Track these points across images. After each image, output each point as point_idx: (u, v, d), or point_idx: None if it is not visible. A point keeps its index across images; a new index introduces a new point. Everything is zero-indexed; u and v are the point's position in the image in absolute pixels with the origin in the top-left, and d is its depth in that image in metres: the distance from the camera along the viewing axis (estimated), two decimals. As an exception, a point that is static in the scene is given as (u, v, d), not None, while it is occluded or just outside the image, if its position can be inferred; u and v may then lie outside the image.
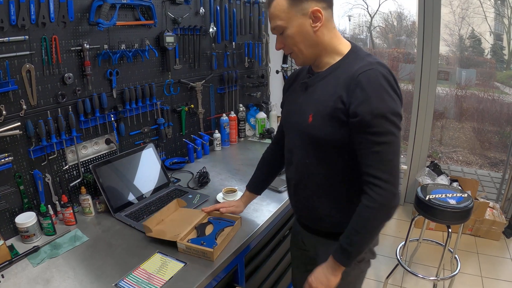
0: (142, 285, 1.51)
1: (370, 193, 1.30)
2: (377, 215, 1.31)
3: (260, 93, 3.60)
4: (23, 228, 1.80)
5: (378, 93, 1.26)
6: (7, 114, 1.77)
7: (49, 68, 1.92)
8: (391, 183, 1.27)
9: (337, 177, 1.47)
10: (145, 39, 2.40)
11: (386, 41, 4.86)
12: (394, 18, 4.68)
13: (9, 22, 1.71)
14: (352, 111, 1.28)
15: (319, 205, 1.55)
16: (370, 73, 1.28)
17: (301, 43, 1.41)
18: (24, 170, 1.90)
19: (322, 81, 1.43)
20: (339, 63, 1.42)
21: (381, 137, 1.26)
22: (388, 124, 1.25)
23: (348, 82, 1.31)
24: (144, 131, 2.55)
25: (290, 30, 1.38)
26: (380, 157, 1.27)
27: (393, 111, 1.26)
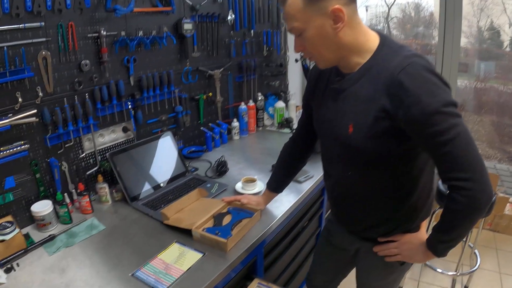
0: (160, 275, 1.49)
1: (454, 196, 1.18)
2: (466, 216, 1.21)
3: (278, 82, 3.54)
4: (39, 216, 1.79)
5: (425, 89, 1.13)
6: (23, 101, 1.75)
7: (66, 55, 1.89)
8: (474, 179, 1.14)
9: (382, 189, 1.40)
10: (163, 26, 2.37)
11: (404, 32, 4.78)
12: (411, 9, 4.59)
13: (25, 9, 1.69)
14: (402, 117, 1.17)
15: (364, 217, 1.50)
16: (410, 69, 1.15)
17: (322, 46, 1.26)
18: (41, 158, 1.89)
19: (355, 85, 1.30)
20: (371, 61, 1.27)
21: (445, 135, 1.12)
22: (447, 117, 1.12)
23: (388, 86, 1.19)
24: (161, 119, 2.52)
25: (309, 33, 1.23)
26: (453, 157, 1.14)
27: (446, 102, 1.13)
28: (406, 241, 1.45)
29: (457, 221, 1.23)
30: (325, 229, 1.85)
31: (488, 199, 1.16)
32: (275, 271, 2.10)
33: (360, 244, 1.61)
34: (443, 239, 1.29)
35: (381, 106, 1.21)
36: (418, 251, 1.41)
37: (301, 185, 2.23)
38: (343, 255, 1.75)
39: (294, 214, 2.14)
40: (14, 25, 1.67)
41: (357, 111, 1.29)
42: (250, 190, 2.14)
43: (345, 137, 1.34)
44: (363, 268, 1.69)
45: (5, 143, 1.72)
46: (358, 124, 1.29)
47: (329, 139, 1.48)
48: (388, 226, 1.47)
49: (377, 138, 1.26)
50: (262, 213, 1.91)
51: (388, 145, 1.27)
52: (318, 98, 1.51)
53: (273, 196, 1.95)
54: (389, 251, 1.49)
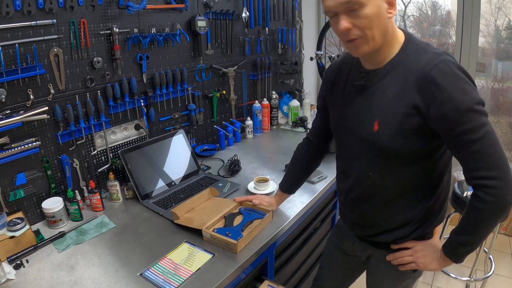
0: (168, 275, 1.48)
1: (481, 195, 1.17)
2: (491, 215, 1.19)
3: (293, 80, 3.51)
4: (49, 213, 1.80)
5: (458, 86, 1.12)
6: (34, 98, 1.76)
7: (78, 52, 1.90)
8: (501, 178, 1.13)
9: (405, 190, 1.36)
10: (176, 23, 2.36)
11: (420, 30, 4.72)
12: (428, 7, 4.53)
13: (37, 6, 1.69)
14: (433, 114, 1.15)
15: (381, 220, 1.46)
16: (442, 67, 1.14)
17: (377, 27, 1.17)
18: (52, 155, 1.90)
19: (383, 81, 1.27)
20: (398, 57, 1.25)
21: (475, 133, 1.12)
22: (478, 115, 1.12)
23: (420, 82, 1.17)
24: (174, 117, 2.52)
25: (369, 9, 1.14)
26: (482, 155, 1.14)
27: (477, 100, 1.13)
28: (421, 249, 1.42)
29: (482, 221, 1.21)
30: (334, 234, 1.82)
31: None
32: (286, 273, 2.08)
33: (372, 251, 1.57)
34: (466, 241, 1.26)
35: (411, 103, 1.19)
36: (434, 258, 1.38)
37: (314, 186, 2.20)
38: (353, 261, 1.72)
39: (307, 215, 2.11)
40: (26, 22, 1.67)
41: (384, 108, 1.26)
42: (262, 190, 2.12)
43: (370, 135, 1.31)
44: (375, 276, 1.65)
45: (17, 140, 1.73)
46: (385, 121, 1.26)
47: (349, 138, 1.43)
48: (405, 230, 1.42)
49: (405, 136, 1.23)
50: (274, 214, 1.89)
51: (415, 143, 1.24)
52: (337, 96, 1.47)
53: (286, 197, 1.92)
54: (402, 259, 1.45)
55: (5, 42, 1.63)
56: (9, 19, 1.62)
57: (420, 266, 1.42)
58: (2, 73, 1.62)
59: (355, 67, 1.38)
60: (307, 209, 2.05)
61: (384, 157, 1.31)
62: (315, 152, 1.77)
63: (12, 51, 1.65)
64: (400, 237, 1.43)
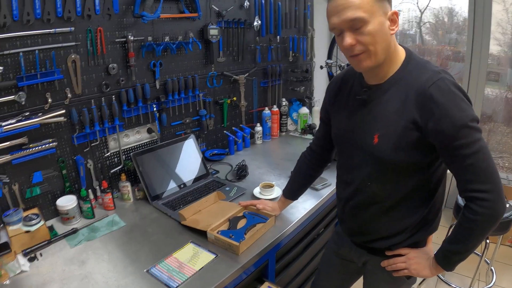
0: (173, 273, 1.55)
1: (473, 207, 1.22)
2: (483, 226, 1.24)
3: (303, 88, 3.56)
4: (63, 210, 1.89)
5: (454, 103, 1.18)
6: (52, 101, 1.86)
7: (94, 58, 1.99)
8: (493, 191, 1.20)
9: (402, 199, 1.41)
10: (189, 31, 2.44)
11: (436, 37, 4.69)
12: (444, 14, 4.50)
13: (56, 14, 1.79)
14: (431, 129, 1.21)
15: (379, 228, 1.50)
16: (440, 84, 1.20)
17: (379, 43, 1.23)
18: (67, 156, 1.99)
19: (383, 96, 1.32)
20: (399, 73, 1.30)
21: (470, 148, 1.18)
22: (473, 131, 1.18)
23: (419, 99, 1.22)
24: (185, 122, 2.60)
25: (372, 26, 1.20)
26: (475, 169, 1.20)
27: (472, 117, 1.19)
28: (414, 256, 1.46)
29: (474, 232, 1.26)
30: (332, 240, 1.86)
31: (504, 210, 1.22)
32: (287, 277, 2.13)
33: (368, 257, 1.62)
34: (457, 250, 1.31)
35: (411, 118, 1.24)
36: (426, 265, 1.43)
37: (318, 193, 2.25)
38: (350, 266, 1.76)
39: (310, 221, 2.16)
40: (46, 30, 1.77)
41: (385, 122, 1.32)
42: (267, 195, 2.18)
43: (370, 147, 1.36)
44: (371, 281, 1.69)
45: (35, 140, 1.83)
46: (385, 135, 1.31)
47: (350, 149, 1.48)
48: (400, 237, 1.47)
49: (404, 149, 1.29)
50: (277, 219, 1.95)
51: (413, 156, 1.29)
52: (340, 109, 1.52)
53: (289, 203, 1.98)
54: (396, 265, 1.50)
55: (26, 48, 1.72)
56: (30, 26, 1.72)
57: (413, 272, 1.46)
58: (23, 78, 1.72)
59: (358, 81, 1.43)
60: (310, 215, 2.10)
61: (383, 169, 1.37)
62: (318, 161, 1.83)
63: (32, 57, 1.75)
64: (395, 243, 1.48)
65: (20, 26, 1.70)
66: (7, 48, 1.67)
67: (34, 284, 1.50)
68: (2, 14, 1.61)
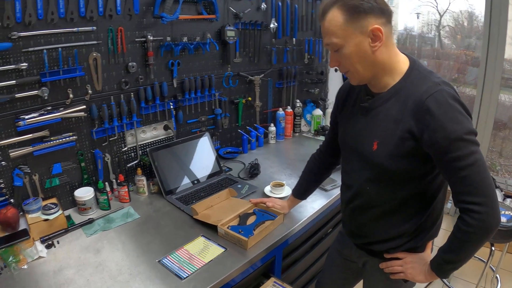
0: (183, 264, 1.62)
1: (466, 218, 1.23)
2: (475, 238, 1.25)
3: (318, 90, 3.60)
4: (81, 201, 1.98)
5: (450, 116, 1.19)
6: (74, 97, 1.95)
7: (114, 57, 2.07)
8: (486, 204, 1.20)
9: (399, 205, 1.44)
10: (207, 32, 2.50)
11: (455, 42, 4.64)
12: (464, 18, 4.45)
13: (79, 14, 1.88)
14: (426, 140, 1.23)
15: (377, 231, 1.54)
16: (438, 96, 1.21)
17: (358, 63, 1.30)
18: (86, 149, 2.08)
19: (385, 105, 1.35)
20: (401, 83, 1.32)
21: (464, 160, 1.19)
22: (468, 144, 1.19)
23: (416, 109, 1.24)
24: (201, 120, 2.67)
25: (347, 49, 1.27)
26: (469, 181, 1.20)
27: (468, 130, 1.19)
28: (411, 260, 1.49)
29: (466, 243, 1.27)
30: (337, 240, 1.90)
31: (497, 224, 1.22)
32: (293, 274, 2.17)
33: (368, 258, 1.66)
34: (450, 259, 1.33)
35: (407, 127, 1.27)
36: (421, 271, 1.45)
37: (327, 193, 2.29)
38: (351, 266, 1.80)
39: (318, 220, 2.21)
40: (69, 29, 1.86)
41: (384, 130, 1.35)
42: (277, 194, 2.24)
43: (369, 153, 1.40)
44: (369, 282, 1.74)
45: (56, 133, 1.93)
46: (383, 142, 1.35)
47: (352, 154, 1.53)
48: (397, 242, 1.51)
49: (400, 157, 1.32)
50: (285, 217, 2.00)
51: (409, 165, 1.32)
52: (346, 115, 1.56)
53: (297, 202, 2.04)
54: (393, 268, 1.53)
55: (50, 46, 1.82)
56: (54, 25, 1.81)
57: (408, 276, 1.49)
58: (46, 74, 1.81)
59: (364, 89, 1.46)
60: (318, 215, 2.15)
61: (381, 174, 1.40)
62: (326, 164, 1.88)
63: (55, 54, 1.84)
64: (393, 247, 1.52)
65: (44, 25, 1.78)
66: (32, 45, 1.76)
67: (51, 269, 1.58)
68: (27, 13, 1.70)
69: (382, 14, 1.24)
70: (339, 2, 1.24)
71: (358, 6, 1.22)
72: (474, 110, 3.64)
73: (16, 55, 1.73)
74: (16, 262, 1.57)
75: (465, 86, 4.25)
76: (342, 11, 1.23)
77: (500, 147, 4.44)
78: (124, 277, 1.54)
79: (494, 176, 3.61)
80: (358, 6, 1.22)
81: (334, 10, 1.25)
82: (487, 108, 3.57)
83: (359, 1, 1.22)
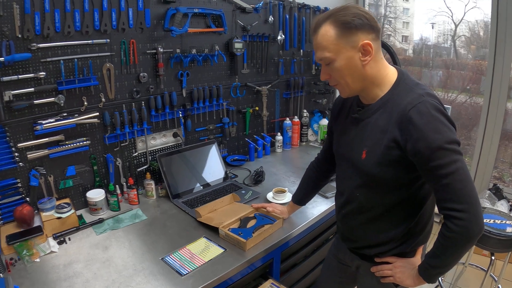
0: (185, 262, 1.72)
1: (449, 224, 1.27)
2: (457, 243, 1.29)
3: (326, 100, 3.68)
4: (92, 202, 2.11)
5: (431, 126, 1.24)
6: (88, 105, 2.08)
7: (127, 67, 2.20)
8: (468, 211, 1.23)
9: (387, 211, 1.49)
10: (215, 44, 2.62)
11: (470, 51, 4.63)
12: (480, 28, 4.43)
13: (93, 27, 2.02)
14: (409, 149, 1.28)
15: (366, 236, 1.61)
16: (420, 107, 1.26)
17: (348, 76, 1.37)
18: (99, 153, 2.21)
19: (373, 116, 1.42)
20: (388, 95, 1.39)
21: (445, 168, 1.23)
22: (449, 153, 1.23)
23: (400, 119, 1.30)
24: (209, 128, 2.78)
25: (338, 63, 1.34)
26: (451, 189, 1.24)
27: (449, 140, 1.24)
28: (400, 265, 1.54)
29: (450, 248, 1.32)
30: (333, 245, 1.97)
31: (479, 230, 1.25)
32: (292, 277, 2.25)
33: (360, 262, 1.72)
34: (435, 264, 1.38)
35: (392, 137, 1.32)
36: (410, 275, 1.50)
37: (327, 200, 2.36)
38: (346, 270, 1.85)
39: (317, 226, 2.28)
40: (84, 41, 2.00)
41: (372, 139, 1.41)
42: (279, 200, 2.32)
43: (358, 161, 1.47)
44: (362, 286, 1.80)
45: (70, 138, 2.06)
46: (371, 151, 1.41)
47: (343, 162, 1.61)
48: (386, 247, 1.57)
49: (386, 165, 1.39)
50: (285, 222, 2.09)
51: (395, 172, 1.39)
52: (340, 125, 1.64)
53: (296, 208, 2.12)
54: (383, 272, 1.59)
55: (66, 56, 1.95)
56: (70, 37, 1.95)
57: (397, 280, 1.54)
58: (62, 82, 1.94)
59: (356, 100, 1.55)
60: (317, 221, 2.22)
61: (369, 182, 1.47)
62: (323, 171, 1.96)
63: (71, 64, 1.97)
64: (382, 252, 1.58)
65: (61, 37, 1.92)
66: (50, 56, 1.90)
67: (61, 263, 1.70)
68: (46, 26, 1.84)
69: (372, 30, 1.32)
70: (332, 18, 1.32)
71: (349, 22, 1.29)
72: (481, 119, 3.65)
73: (35, 65, 1.86)
74: (29, 255, 1.70)
75: (478, 96, 4.24)
76: (334, 27, 1.31)
77: (510, 158, 4.43)
78: (128, 272, 1.65)
79: (504, 187, 3.65)
80: (350, 22, 1.29)
81: (327, 25, 1.33)
82: (494, 118, 3.57)
83: (350, 17, 1.30)
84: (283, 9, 3.05)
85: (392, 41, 5.04)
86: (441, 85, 4.67)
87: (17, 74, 1.81)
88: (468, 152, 4.27)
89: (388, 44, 3.44)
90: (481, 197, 3.48)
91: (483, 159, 3.75)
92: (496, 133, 3.60)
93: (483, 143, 3.71)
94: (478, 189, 3.80)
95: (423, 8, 4.78)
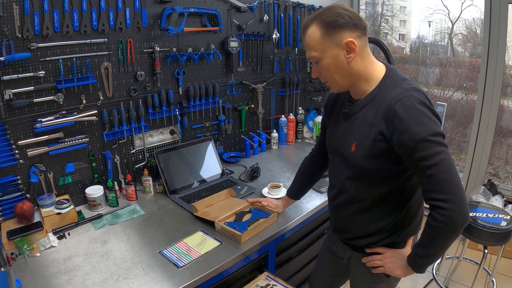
0: (182, 255, 1.77)
1: (434, 214, 1.31)
2: (442, 233, 1.32)
3: (321, 98, 3.73)
4: (91, 198, 2.15)
5: (415, 119, 1.29)
6: (86, 103, 2.13)
7: (124, 66, 2.25)
8: (452, 201, 1.26)
9: (377, 203, 1.54)
10: (211, 43, 2.67)
11: (467, 49, 4.66)
12: (477, 26, 4.46)
13: (91, 27, 2.06)
14: (395, 142, 1.33)
15: (356, 227, 1.65)
16: (405, 101, 1.31)
17: (336, 73, 1.43)
18: (97, 150, 2.26)
19: (362, 110, 1.47)
20: (376, 90, 1.44)
21: (429, 160, 1.27)
22: (432, 145, 1.27)
23: (386, 113, 1.34)
24: (205, 126, 2.83)
25: (325, 61, 1.42)
26: (435, 180, 1.27)
27: (433, 132, 1.28)
28: (390, 255, 1.59)
29: (435, 238, 1.36)
30: (327, 237, 2.02)
31: (464, 220, 1.29)
32: (288, 271, 2.30)
33: (351, 253, 1.77)
34: (422, 254, 1.42)
35: (379, 130, 1.38)
36: (399, 265, 1.55)
37: (322, 195, 2.42)
38: (339, 262, 1.90)
39: (311, 220, 2.33)
40: (82, 40, 2.04)
41: (361, 133, 1.46)
42: (274, 195, 2.37)
43: (348, 155, 1.53)
44: (354, 277, 1.85)
45: (69, 135, 2.10)
46: (360, 144, 1.46)
47: (335, 155, 1.67)
48: (376, 237, 1.61)
49: (374, 158, 1.44)
50: (280, 216, 2.14)
51: (383, 165, 1.44)
52: (332, 120, 1.70)
53: (291, 202, 2.17)
54: (373, 262, 1.64)
55: (65, 56, 1.99)
56: (69, 37, 1.99)
57: (387, 270, 1.58)
58: (61, 81, 1.99)
59: (347, 96, 1.60)
60: (311, 215, 2.27)
61: (359, 174, 1.52)
62: (317, 165, 2.00)
63: (70, 63, 2.01)
64: (372, 242, 1.63)
65: (60, 37, 1.96)
66: (49, 55, 1.94)
67: (61, 257, 1.75)
68: (45, 26, 1.89)
69: (356, 28, 1.38)
70: (317, 19, 1.39)
71: (333, 22, 1.36)
72: (475, 116, 3.69)
73: (34, 64, 1.91)
74: (30, 250, 1.75)
75: (474, 94, 4.25)
76: (320, 27, 1.38)
77: (506, 154, 4.46)
78: (127, 265, 1.70)
79: (499, 183, 3.68)
80: (333, 22, 1.36)
81: (313, 26, 1.40)
82: (487, 114, 3.60)
83: (334, 17, 1.36)
84: (277, 8, 3.09)
85: (389, 39, 5.08)
86: (437, 82, 4.71)
87: (17, 73, 1.85)
88: (464, 148, 4.31)
89: (381, 42, 3.48)
90: (476, 192, 3.53)
91: (478, 155, 3.79)
92: (490, 129, 3.63)
93: (477, 140, 3.75)
94: (473, 185, 3.87)
95: (420, 6, 4.83)
